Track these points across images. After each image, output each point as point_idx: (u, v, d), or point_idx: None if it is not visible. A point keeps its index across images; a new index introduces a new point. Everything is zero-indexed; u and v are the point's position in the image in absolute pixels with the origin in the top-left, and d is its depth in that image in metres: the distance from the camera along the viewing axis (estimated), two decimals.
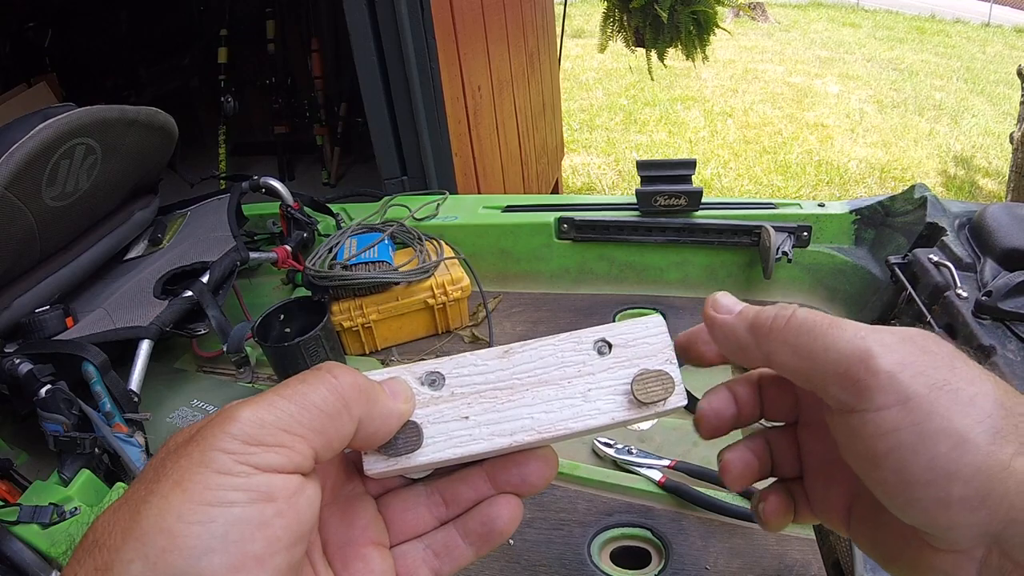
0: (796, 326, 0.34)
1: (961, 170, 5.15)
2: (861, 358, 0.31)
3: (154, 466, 0.27)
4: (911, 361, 0.30)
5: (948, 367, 0.30)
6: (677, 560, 0.92)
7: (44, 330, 1.28)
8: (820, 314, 0.34)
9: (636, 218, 1.49)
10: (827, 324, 0.33)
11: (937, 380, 0.29)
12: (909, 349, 0.31)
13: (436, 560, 0.36)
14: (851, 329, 0.32)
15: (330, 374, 0.30)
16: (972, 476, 0.28)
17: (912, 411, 0.29)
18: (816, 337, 0.32)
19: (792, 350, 0.34)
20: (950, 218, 1.30)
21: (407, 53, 1.85)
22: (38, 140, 1.21)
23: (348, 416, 0.30)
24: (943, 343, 0.32)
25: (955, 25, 9.81)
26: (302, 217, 1.57)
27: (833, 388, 0.32)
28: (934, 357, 0.30)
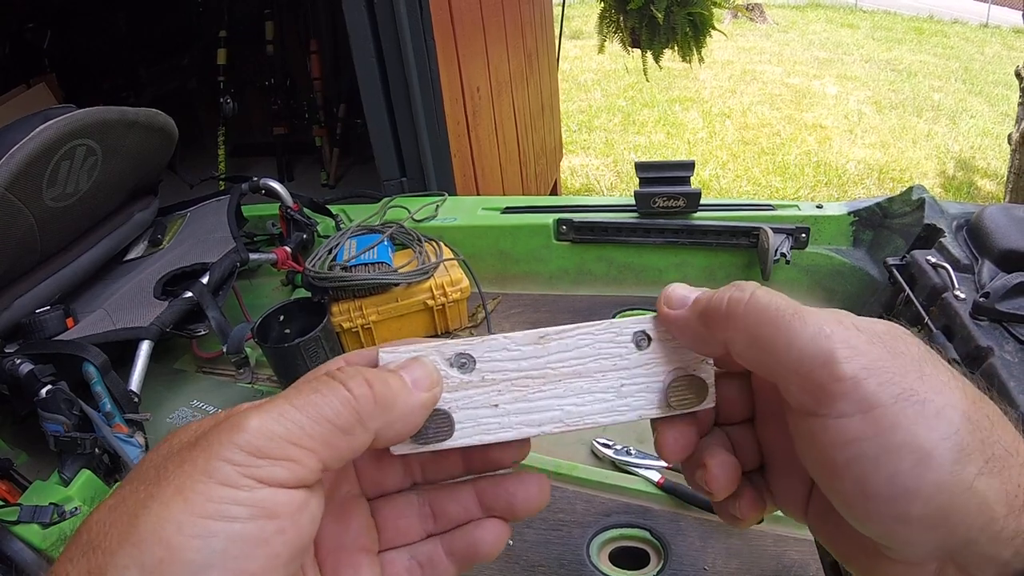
0: (754, 314, 0.31)
1: (959, 171, 5.16)
2: (824, 361, 0.29)
3: (155, 465, 0.26)
4: (878, 366, 0.28)
5: (917, 373, 0.28)
6: (676, 560, 0.92)
7: (44, 331, 1.28)
8: (780, 298, 0.31)
9: (635, 219, 1.50)
10: (789, 314, 0.30)
11: (904, 389, 0.28)
12: (877, 352, 0.29)
13: (420, 571, 0.36)
14: (814, 323, 0.30)
15: (344, 387, 0.29)
16: (933, 495, 0.27)
17: (875, 422, 0.28)
18: (777, 328, 0.30)
19: (750, 341, 0.32)
20: (948, 219, 1.30)
21: (406, 54, 1.85)
22: (39, 141, 1.21)
23: (362, 430, 0.29)
24: (913, 341, 0.30)
25: (953, 26, 9.83)
26: (302, 218, 1.58)
27: (793, 388, 0.30)
28: (903, 360, 0.29)
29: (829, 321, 0.30)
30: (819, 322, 0.30)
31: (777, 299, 0.31)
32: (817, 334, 0.29)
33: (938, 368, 0.29)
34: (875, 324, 0.31)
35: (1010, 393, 0.93)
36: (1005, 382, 0.95)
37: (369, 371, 0.30)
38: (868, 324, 0.30)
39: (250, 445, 0.26)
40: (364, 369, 0.30)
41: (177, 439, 0.28)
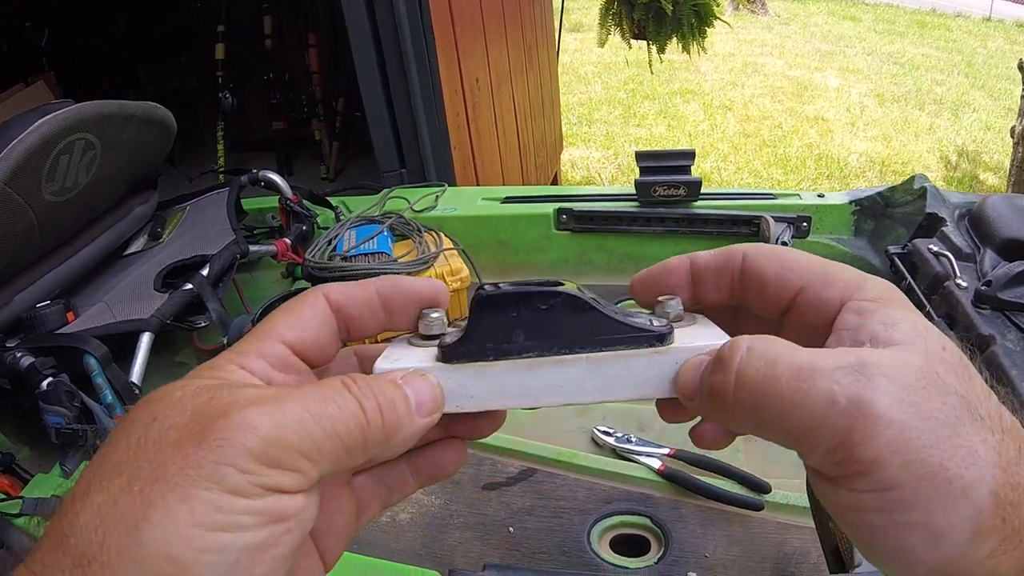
0: (749, 394, 0.27)
1: (962, 164, 5.15)
2: (840, 442, 0.25)
3: (147, 455, 0.24)
4: (904, 441, 0.25)
5: (950, 439, 0.25)
6: (676, 547, 0.92)
7: (45, 325, 1.28)
8: (775, 360, 0.27)
9: (635, 208, 1.49)
10: (790, 385, 0.26)
11: (931, 465, 0.25)
12: (905, 417, 0.25)
13: (387, 493, 0.36)
14: (824, 387, 0.25)
15: (360, 406, 0.28)
16: (940, 567, 0.25)
17: (892, 501, 0.25)
18: (779, 409, 0.26)
19: (755, 425, 0.28)
20: (950, 209, 1.30)
21: (405, 46, 1.85)
22: (37, 136, 1.21)
23: (363, 454, 0.28)
24: (953, 385, 0.26)
25: (956, 19, 9.80)
26: (301, 210, 1.58)
27: (809, 458, 0.27)
28: (935, 424, 0.25)
29: (844, 374, 0.25)
30: (830, 385, 0.25)
31: (769, 365, 0.27)
32: (829, 408, 0.25)
33: (976, 424, 0.25)
34: (908, 358, 0.26)
35: (1012, 381, 0.93)
36: (1007, 370, 0.95)
37: (381, 391, 0.29)
38: (898, 361, 0.26)
39: (263, 454, 0.24)
40: (376, 387, 0.29)
41: (167, 419, 0.25)
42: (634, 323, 0.31)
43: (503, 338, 0.31)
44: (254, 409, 0.25)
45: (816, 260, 0.32)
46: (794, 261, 0.32)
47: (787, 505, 0.96)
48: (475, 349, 0.31)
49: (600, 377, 0.31)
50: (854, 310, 0.29)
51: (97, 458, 0.25)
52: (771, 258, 0.33)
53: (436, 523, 1.01)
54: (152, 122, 1.48)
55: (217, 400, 0.25)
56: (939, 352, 0.27)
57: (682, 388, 0.31)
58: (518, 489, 1.04)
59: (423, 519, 1.02)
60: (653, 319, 0.32)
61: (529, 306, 0.30)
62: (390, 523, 1.02)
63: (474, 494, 1.04)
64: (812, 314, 0.31)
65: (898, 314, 0.28)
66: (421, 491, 1.05)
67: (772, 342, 0.28)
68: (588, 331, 0.31)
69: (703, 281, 0.35)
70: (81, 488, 0.24)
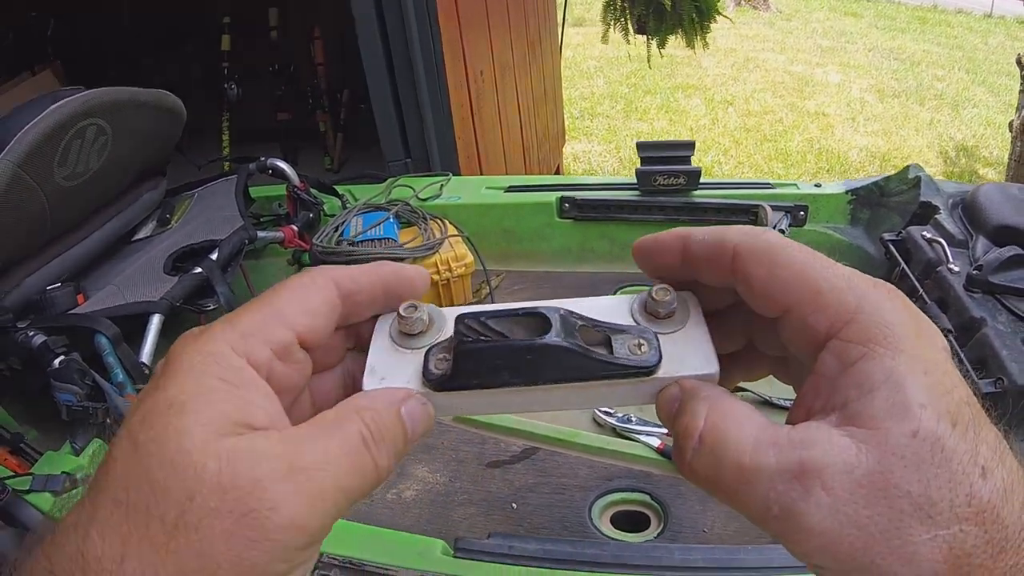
0: (701, 483, 0.28)
1: (962, 159, 5.17)
2: (778, 536, 0.26)
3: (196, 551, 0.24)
4: (836, 544, 0.25)
5: (888, 538, 0.25)
6: (676, 523, 0.95)
7: (56, 306, 1.31)
8: (724, 456, 0.27)
9: (636, 197, 1.52)
10: (732, 479, 0.26)
11: (862, 561, 0.25)
12: (840, 523, 0.25)
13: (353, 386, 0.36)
14: (763, 487, 0.25)
15: (376, 469, 0.28)
16: None
17: (839, 561, 0.25)
18: (727, 498, 0.27)
19: (716, 498, 0.28)
20: (943, 198, 1.32)
21: (411, 37, 1.87)
22: (51, 120, 1.23)
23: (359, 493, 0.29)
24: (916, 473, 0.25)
25: (957, 15, 9.79)
26: (308, 198, 1.60)
27: None
28: (876, 524, 0.24)
29: (783, 480, 0.25)
30: (766, 492, 0.25)
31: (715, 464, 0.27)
32: (765, 513, 0.26)
33: (925, 524, 0.25)
34: (858, 460, 0.25)
35: (1002, 361, 0.96)
36: (998, 351, 0.97)
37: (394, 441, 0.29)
38: (845, 466, 0.25)
39: (305, 545, 0.26)
40: (391, 438, 0.29)
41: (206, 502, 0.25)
42: (617, 361, 0.31)
43: (489, 376, 0.31)
44: (298, 501, 0.25)
45: (812, 271, 0.29)
46: (784, 271, 0.29)
47: None
48: (462, 383, 0.32)
49: (586, 396, 0.33)
50: (835, 355, 0.27)
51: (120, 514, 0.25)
52: (760, 263, 0.30)
53: (441, 500, 1.03)
54: (163, 109, 1.51)
55: (259, 487, 0.25)
56: (904, 442, 0.25)
57: (660, 417, 0.31)
58: (521, 467, 1.07)
59: (428, 496, 1.04)
60: (641, 342, 0.32)
61: (513, 355, 0.31)
62: (396, 500, 1.04)
63: (478, 472, 1.07)
64: (798, 337, 0.29)
65: (880, 374, 0.26)
66: (426, 469, 1.08)
67: (727, 422, 0.27)
68: (573, 370, 0.31)
69: (695, 265, 0.33)
70: (111, 556, 0.24)
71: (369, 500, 1.04)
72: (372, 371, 0.33)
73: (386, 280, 0.34)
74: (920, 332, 0.27)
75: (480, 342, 0.31)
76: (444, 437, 1.14)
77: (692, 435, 0.27)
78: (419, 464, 1.10)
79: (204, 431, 0.25)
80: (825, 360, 0.27)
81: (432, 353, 0.33)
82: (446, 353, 0.32)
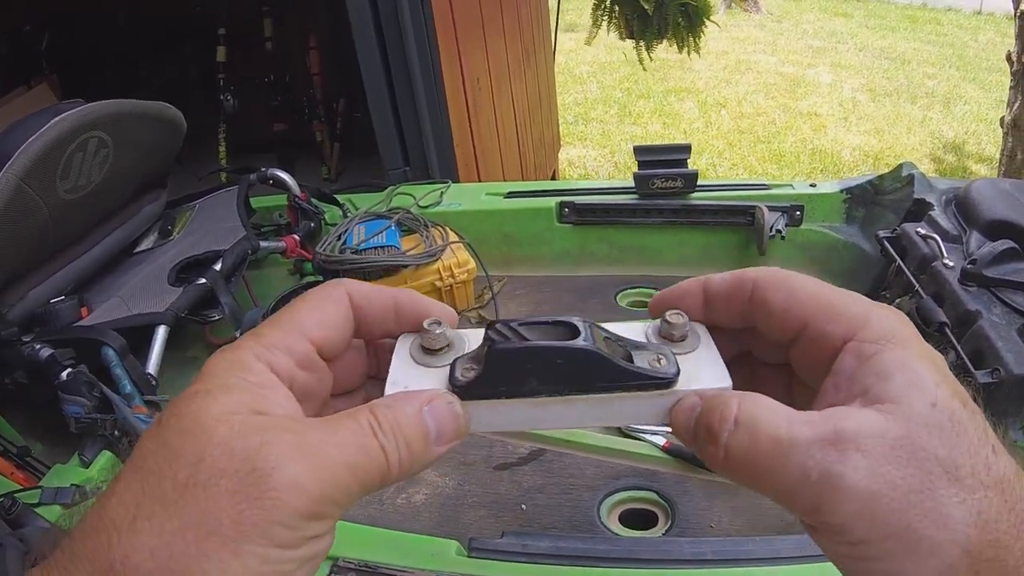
0: (735, 465, 0.29)
1: (953, 156, 5.19)
2: (811, 508, 0.27)
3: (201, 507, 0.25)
4: (873, 507, 0.26)
5: (921, 499, 0.26)
6: (683, 520, 0.96)
7: (60, 319, 1.31)
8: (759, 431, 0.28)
9: (634, 201, 1.53)
10: (769, 451, 0.28)
11: (898, 526, 0.26)
12: (877, 485, 0.26)
13: None
14: (799, 463, 0.27)
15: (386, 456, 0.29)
16: None
17: (862, 552, 0.27)
18: (762, 473, 0.28)
19: (743, 483, 0.30)
20: (937, 195, 1.34)
21: (408, 45, 1.88)
22: (53, 133, 1.24)
23: (380, 488, 0.30)
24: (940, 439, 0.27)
25: (947, 13, 9.85)
26: (309, 207, 1.61)
27: (790, 511, 0.29)
28: (908, 488, 0.26)
29: (819, 448, 0.27)
30: (804, 460, 0.27)
31: (751, 440, 0.28)
32: (803, 481, 0.27)
33: (953, 486, 0.26)
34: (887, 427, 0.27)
35: (998, 352, 0.97)
36: (994, 343, 0.99)
37: (403, 433, 0.30)
38: (876, 431, 0.27)
39: (309, 512, 0.26)
40: (400, 429, 0.30)
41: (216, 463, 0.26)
42: (640, 371, 0.32)
43: (517, 382, 0.32)
44: (301, 466, 0.26)
45: (824, 292, 0.32)
46: (801, 293, 0.32)
47: None
48: (489, 391, 0.32)
49: (603, 412, 0.34)
50: (853, 353, 0.30)
51: (137, 479, 0.26)
52: (779, 289, 0.33)
53: (451, 503, 1.04)
54: (163, 121, 1.52)
55: (265, 448, 0.26)
56: (926, 412, 0.27)
57: (675, 428, 0.33)
58: (529, 468, 1.08)
59: (438, 499, 1.05)
60: (660, 357, 0.34)
61: (544, 359, 0.32)
62: (406, 504, 1.05)
63: (487, 474, 1.08)
64: (816, 349, 0.32)
65: (895, 362, 0.29)
66: (435, 473, 1.09)
67: (758, 407, 0.29)
68: (597, 378, 0.32)
69: (715, 306, 0.36)
70: (124, 515, 0.25)
71: (380, 504, 1.05)
72: (394, 383, 0.33)
73: (400, 303, 0.35)
74: (921, 339, 0.30)
75: (513, 343, 0.32)
76: None
77: (728, 419, 0.29)
78: (428, 469, 1.11)
79: (221, 408, 0.27)
80: (843, 360, 0.30)
81: (459, 362, 0.33)
82: (474, 363, 0.33)
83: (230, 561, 0.25)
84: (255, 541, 0.25)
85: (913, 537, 0.26)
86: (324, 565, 0.77)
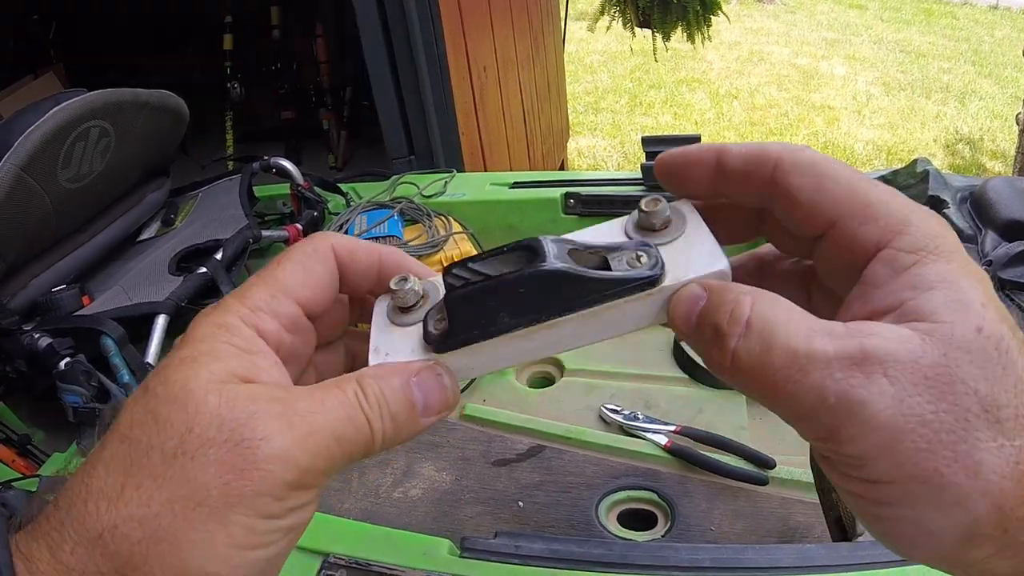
0: (744, 375, 0.26)
1: (968, 152, 5.14)
2: (830, 434, 0.24)
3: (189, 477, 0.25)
4: (898, 442, 0.23)
5: (954, 440, 0.23)
6: (683, 521, 0.94)
7: (61, 308, 1.31)
8: (774, 341, 0.25)
9: (641, 192, 1.51)
10: (784, 365, 0.25)
11: (925, 469, 0.23)
12: (904, 418, 0.23)
13: None
14: (819, 374, 0.24)
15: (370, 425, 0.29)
16: (933, 561, 0.25)
17: (881, 492, 0.24)
18: (774, 389, 0.25)
19: (750, 394, 0.27)
20: (952, 192, 1.31)
21: (413, 33, 1.87)
22: (53, 122, 1.23)
23: (361, 458, 0.30)
24: (981, 372, 0.23)
25: (963, 7, 9.73)
26: (312, 196, 1.60)
27: (802, 435, 0.26)
28: (941, 425, 0.23)
29: (841, 367, 0.24)
30: (822, 380, 0.24)
31: (764, 349, 0.25)
32: (819, 403, 0.24)
33: (991, 429, 0.23)
34: (923, 351, 0.23)
35: None
36: None
37: (389, 405, 0.29)
38: (909, 355, 0.23)
39: (296, 483, 0.26)
40: (385, 401, 0.29)
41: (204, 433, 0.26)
42: (617, 277, 0.29)
43: (488, 323, 0.30)
44: (289, 437, 0.26)
45: (861, 185, 0.28)
46: (832, 183, 0.28)
47: (791, 480, 0.98)
48: (463, 339, 0.31)
49: (595, 326, 0.31)
50: (887, 262, 0.26)
51: (124, 449, 0.26)
52: (806, 174, 0.28)
53: (448, 498, 1.03)
54: (166, 110, 1.51)
55: (254, 419, 0.26)
56: (969, 337, 0.24)
57: (674, 321, 0.29)
58: (527, 465, 1.07)
59: (434, 494, 1.04)
60: (640, 254, 0.30)
61: (505, 292, 0.29)
62: (402, 498, 1.04)
63: (484, 470, 1.07)
64: (845, 251, 0.28)
65: (936, 275, 0.25)
66: (432, 467, 1.08)
67: (776, 310, 0.26)
68: (574, 295, 0.30)
69: (728, 181, 0.31)
70: (112, 485, 0.25)
71: (375, 498, 1.04)
72: (376, 350, 0.32)
73: (384, 262, 0.35)
74: (964, 252, 0.26)
75: (469, 285, 0.30)
76: (450, 435, 1.14)
77: (738, 320, 0.26)
78: (425, 462, 1.10)
79: (210, 376, 0.27)
80: (875, 269, 0.26)
81: (430, 315, 0.32)
82: (442, 313, 0.32)
83: (217, 531, 0.25)
84: (242, 512, 0.25)
85: (940, 482, 0.23)
86: (315, 561, 0.76)
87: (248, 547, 0.26)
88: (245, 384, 0.27)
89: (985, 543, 0.23)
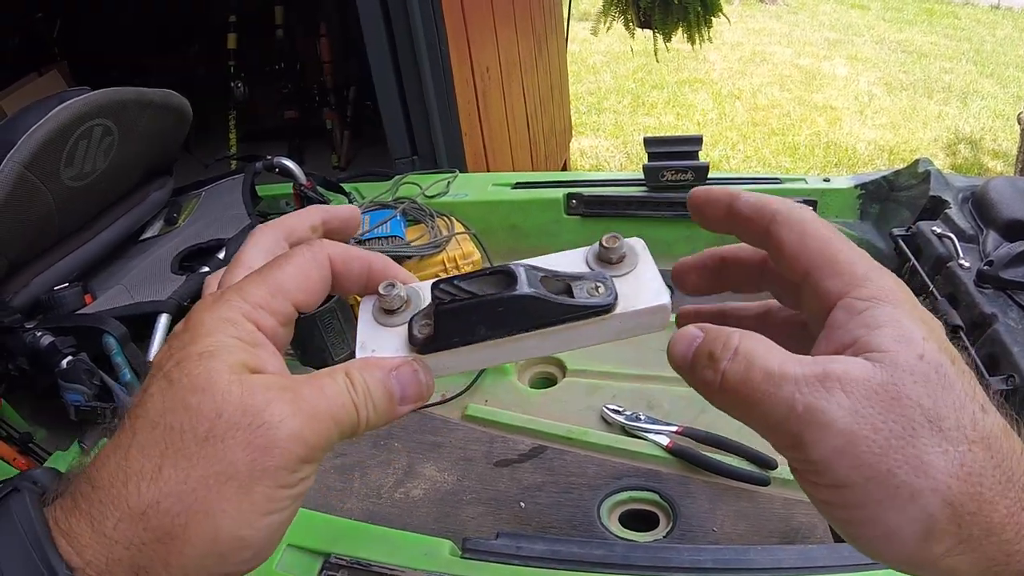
0: (729, 391, 0.30)
1: (970, 152, 5.13)
2: (792, 444, 0.29)
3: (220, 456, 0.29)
4: (853, 447, 0.27)
5: (903, 445, 0.27)
6: (685, 522, 0.94)
7: (63, 306, 1.31)
8: (755, 362, 0.30)
9: (643, 193, 1.51)
10: (761, 380, 0.29)
11: (879, 470, 0.27)
12: (859, 425, 0.27)
13: None
14: (787, 396, 0.28)
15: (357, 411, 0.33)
16: (898, 562, 0.29)
17: (843, 497, 0.28)
18: (753, 401, 0.29)
19: (733, 413, 0.32)
20: (953, 192, 1.31)
21: (417, 34, 1.87)
22: (57, 121, 1.23)
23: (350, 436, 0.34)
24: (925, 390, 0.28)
25: (964, 7, 9.72)
26: (315, 196, 1.60)
27: (777, 449, 0.31)
28: (890, 432, 0.27)
29: (807, 383, 0.28)
30: (792, 393, 0.28)
31: (746, 368, 0.30)
32: (788, 412, 0.28)
33: (936, 436, 0.27)
34: (872, 372, 0.28)
35: (1014, 358, 0.95)
36: (1009, 347, 0.96)
37: (372, 395, 0.34)
38: (862, 375, 0.28)
39: (306, 458, 0.31)
40: (370, 392, 0.34)
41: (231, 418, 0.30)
42: (579, 304, 0.36)
43: (467, 332, 0.36)
44: (300, 420, 0.31)
45: (832, 245, 0.33)
46: (811, 239, 0.33)
47: (793, 481, 0.97)
48: (444, 343, 0.36)
49: (554, 342, 0.37)
50: (846, 308, 0.31)
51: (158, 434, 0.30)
52: (793, 232, 0.34)
53: (449, 499, 1.03)
54: (169, 109, 1.51)
55: (271, 405, 0.31)
56: (912, 362, 0.28)
57: (672, 355, 0.34)
58: (529, 466, 1.07)
59: (436, 495, 1.04)
60: (598, 285, 0.37)
61: (486, 310, 0.35)
62: (404, 499, 1.04)
63: (486, 471, 1.07)
64: (815, 300, 0.33)
65: (885, 316, 0.30)
66: (434, 468, 1.08)
67: (757, 344, 0.31)
68: (540, 316, 0.36)
69: (736, 223, 0.37)
70: (150, 466, 0.29)
71: (378, 499, 1.04)
72: (363, 346, 0.38)
73: (375, 270, 0.39)
74: (916, 303, 0.31)
75: (455, 302, 0.35)
76: (452, 436, 1.14)
77: (729, 348, 0.31)
78: (427, 463, 1.10)
79: (230, 369, 0.31)
80: (836, 315, 0.31)
81: (415, 320, 0.37)
82: (427, 319, 0.37)
83: (244, 501, 0.30)
84: (265, 483, 0.30)
85: (893, 482, 0.27)
86: (316, 561, 0.77)
87: (268, 512, 0.30)
88: (258, 375, 0.32)
89: (943, 538, 0.27)
